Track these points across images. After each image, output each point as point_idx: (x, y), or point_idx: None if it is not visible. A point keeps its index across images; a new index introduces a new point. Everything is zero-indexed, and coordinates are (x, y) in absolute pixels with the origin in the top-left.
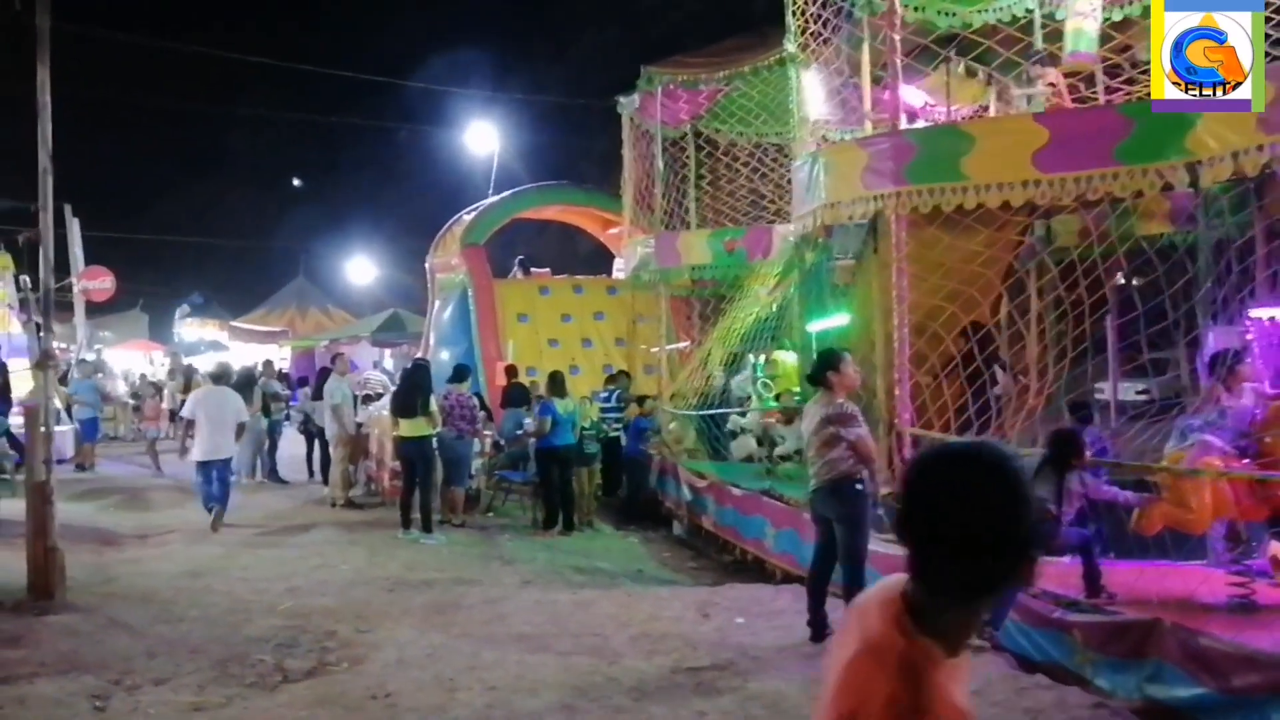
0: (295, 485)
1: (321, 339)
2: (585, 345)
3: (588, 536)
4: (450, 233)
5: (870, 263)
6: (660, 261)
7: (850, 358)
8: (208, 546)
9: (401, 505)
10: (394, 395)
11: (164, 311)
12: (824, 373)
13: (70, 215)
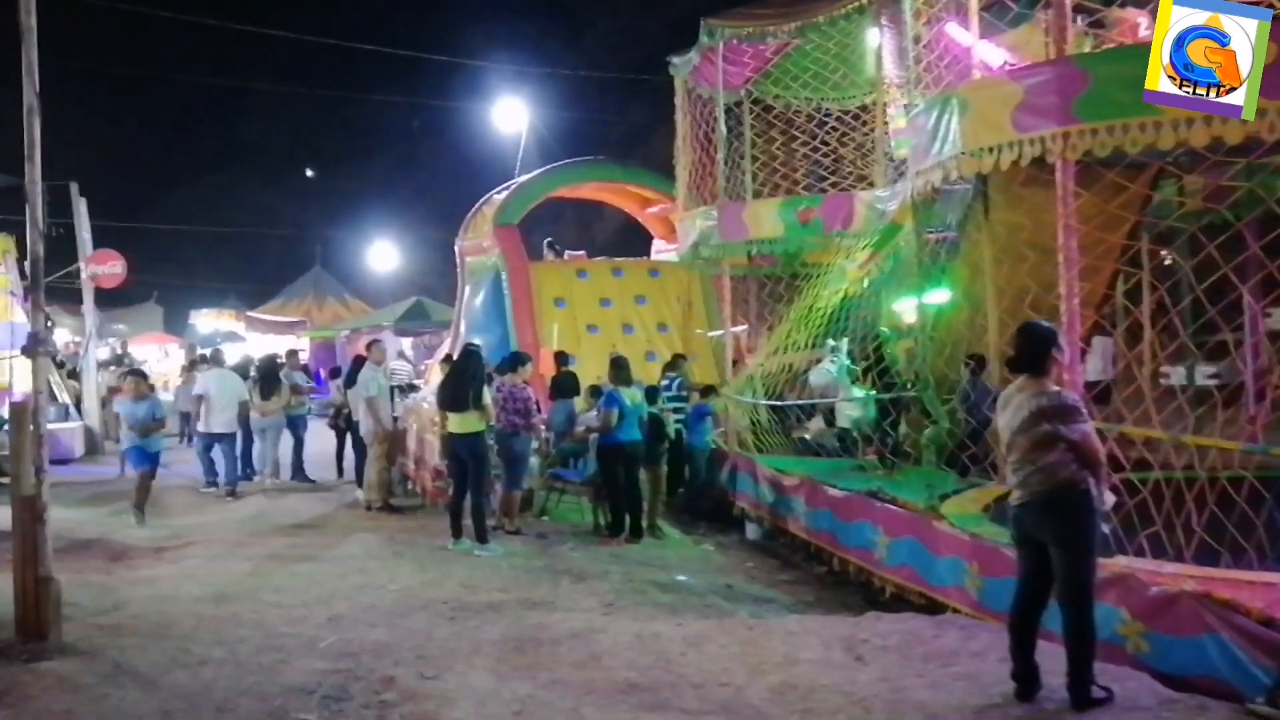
0: (325, 486)
1: (341, 329)
2: (626, 331)
3: (657, 543)
4: (481, 213)
5: (980, 231)
6: (724, 235)
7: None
8: (233, 562)
9: (451, 512)
10: (442, 386)
11: (179, 304)
12: (1042, 353)
13: (77, 194)
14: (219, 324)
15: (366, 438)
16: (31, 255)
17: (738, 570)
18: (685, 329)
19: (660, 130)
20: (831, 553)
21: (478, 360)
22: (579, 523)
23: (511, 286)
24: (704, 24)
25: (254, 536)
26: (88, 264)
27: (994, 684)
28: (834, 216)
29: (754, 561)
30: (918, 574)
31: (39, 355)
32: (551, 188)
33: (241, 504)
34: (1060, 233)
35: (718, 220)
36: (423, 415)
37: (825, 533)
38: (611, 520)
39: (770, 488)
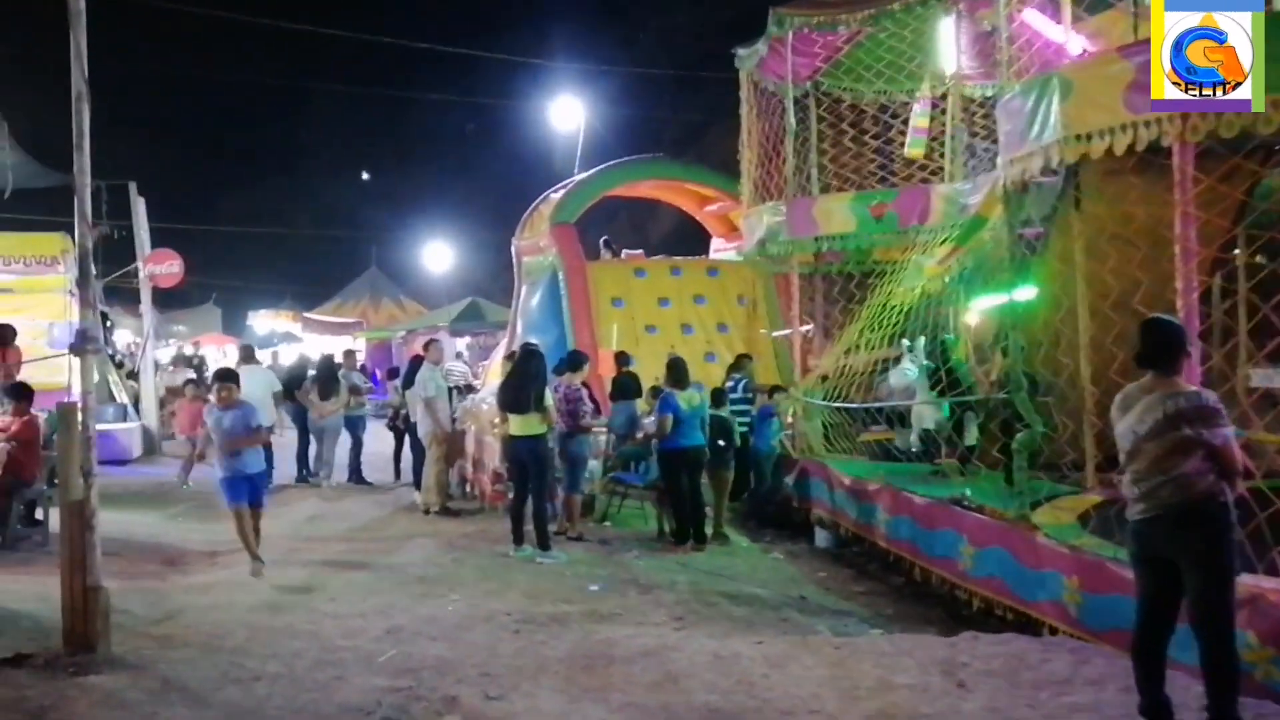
0: (382, 488)
1: (397, 330)
2: (685, 331)
3: (724, 551)
4: (538, 212)
5: (1069, 224)
6: (792, 231)
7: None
8: (288, 569)
9: (513, 517)
10: (503, 387)
11: (237, 305)
12: (1176, 349)
13: (135, 194)
14: (275, 325)
15: (424, 439)
16: (80, 250)
17: (810, 580)
18: (749, 329)
19: (716, 128)
20: (912, 562)
21: (539, 360)
22: (642, 529)
23: (569, 286)
24: (773, 13)
25: (310, 542)
26: (145, 264)
27: (1119, 718)
28: (909, 211)
29: (826, 571)
30: (1007, 586)
31: (87, 353)
32: (609, 186)
33: (297, 507)
34: (1178, 221)
35: (786, 216)
36: (482, 416)
37: (905, 541)
38: (676, 527)
39: (845, 493)
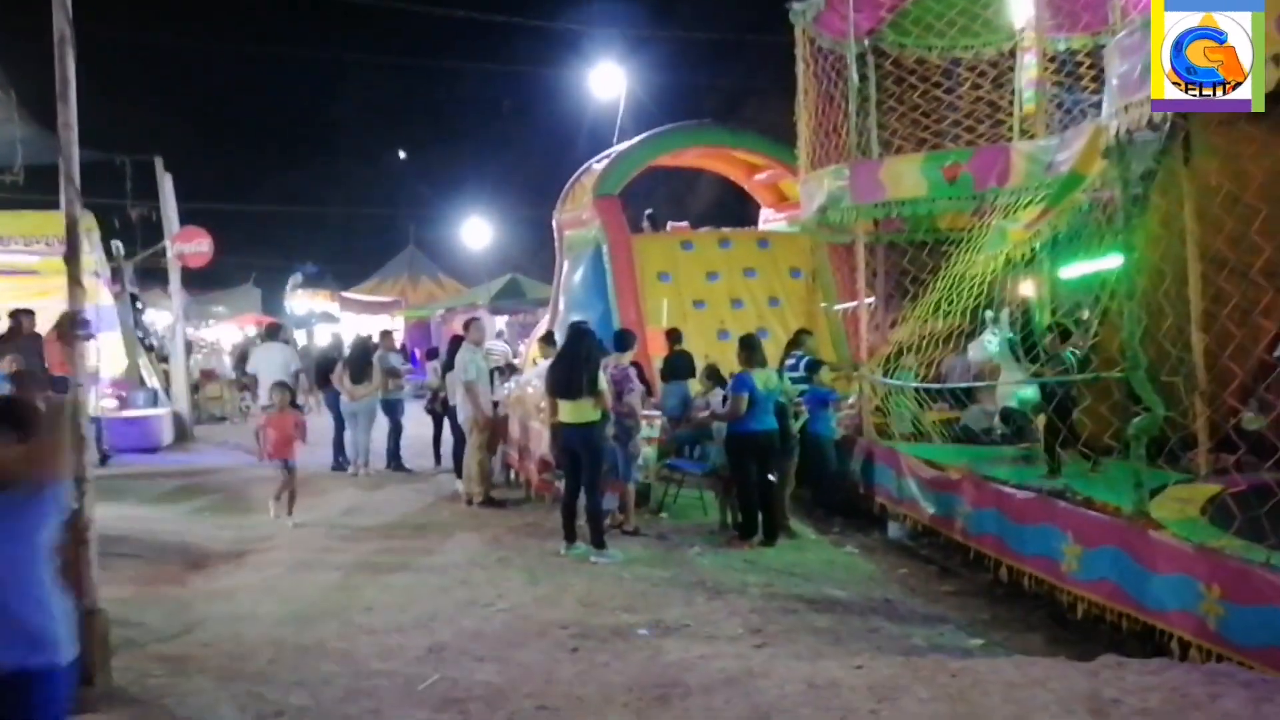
0: (421, 475)
1: (436, 308)
2: (735, 306)
3: (793, 546)
4: (580, 184)
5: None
6: (857, 196)
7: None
8: (320, 571)
9: (564, 512)
10: (551, 370)
11: (277, 285)
12: None
13: (161, 169)
14: (314, 304)
15: (465, 425)
16: (67, 218)
17: (892, 580)
18: (804, 303)
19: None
20: (999, 560)
21: (591, 340)
22: (702, 520)
23: (613, 260)
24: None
25: (345, 540)
26: (174, 242)
27: None
28: (986, 172)
29: (907, 568)
30: (1123, 591)
31: (79, 339)
32: (654, 155)
33: (332, 498)
34: None
35: (849, 180)
36: (527, 400)
37: (992, 537)
38: (743, 520)
39: (918, 482)
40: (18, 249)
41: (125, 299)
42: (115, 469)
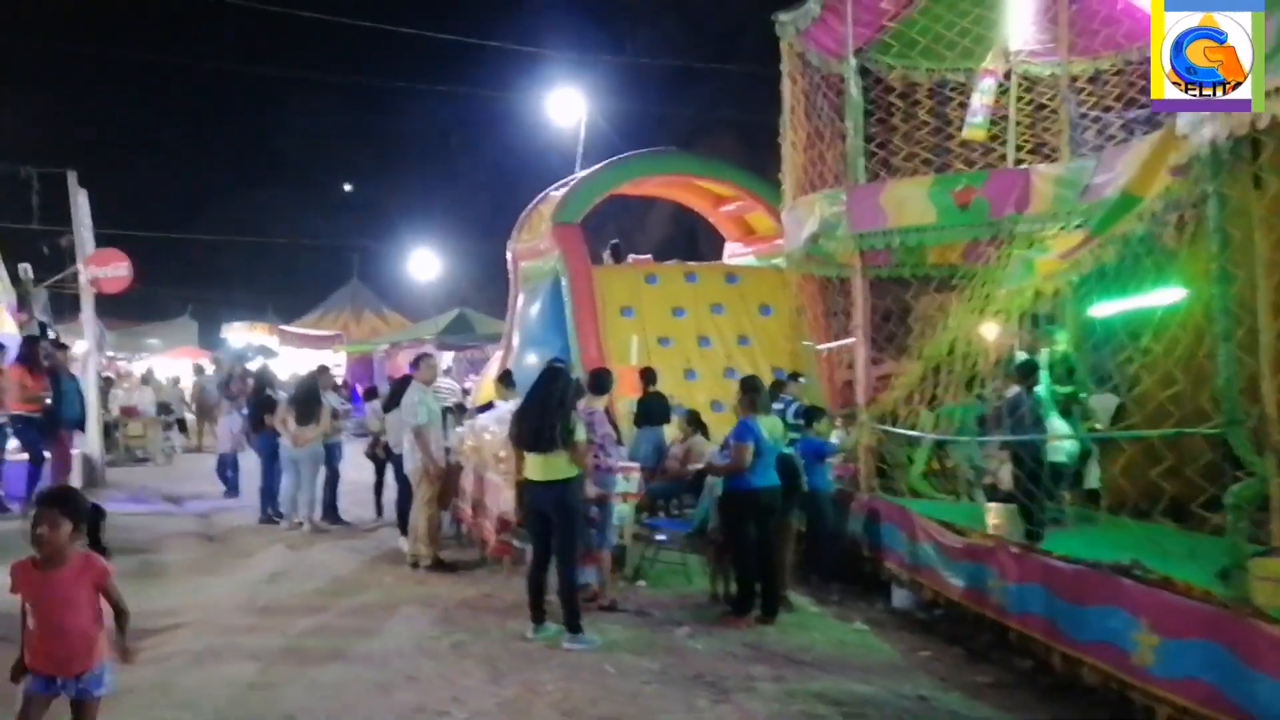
0: (360, 528)
1: (379, 343)
2: (702, 344)
3: (794, 621)
4: (537, 212)
5: (1242, 206)
6: (855, 224)
7: None
8: (234, 661)
9: (531, 587)
10: (519, 417)
11: (215, 318)
12: None
13: (75, 184)
14: (251, 338)
15: (413, 476)
16: None
17: (917, 666)
18: (781, 341)
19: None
20: (1048, 645)
21: (566, 382)
22: (686, 589)
23: (573, 293)
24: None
25: (267, 615)
26: (87, 265)
27: None
28: (1003, 197)
29: (929, 649)
30: (1223, 696)
31: None
32: (617, 182)
33: (257, 559)
34: None
35: (846, 205)
36: (484, 449)
37: (1039, 618)
38: (739, 592)
39: (938, 548)
40: None
41: (33, 328)
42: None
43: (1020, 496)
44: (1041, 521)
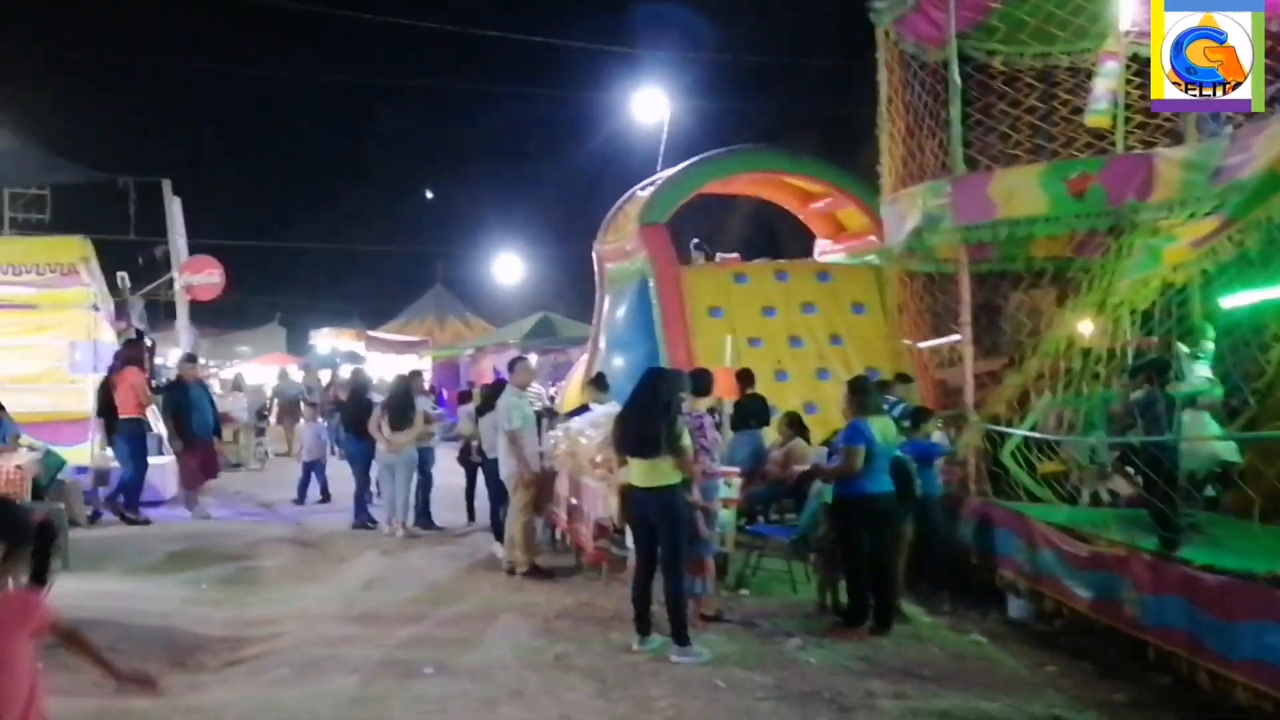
0: (453, 533)
1: (464, 348)
2: (793, 344)
3: (907, 633)
4: (623, 212)
5: None
6: (961, 217)
7: None
8: (333, 674)
9: (636, 597)
10: (621, 421)
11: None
12: None
13: (170, 193)
14: (338, 343)
15: (508, 481)
16: None
17: (1044, 682)
18: (875, 340)
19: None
20: (1192, 661)
21: (671, 385)
22: (790, 597)
23: (660, 294)
24: None
25: (365, 625)
26: (181, 272)
27: None
28: (1123, 183)
29: (1054, 664)
30: None
31: None
32: (704, 180)
33: (352, 565)
34: None
35: (951, 197)
36: (579, 453)
37: (1180, 632)
38: (850, 602)
39: (1060, 556)
40: (7, 279)
41: (130, 335)
42: (103, 529)
43: (1155, 502)
44: (1178, 528)
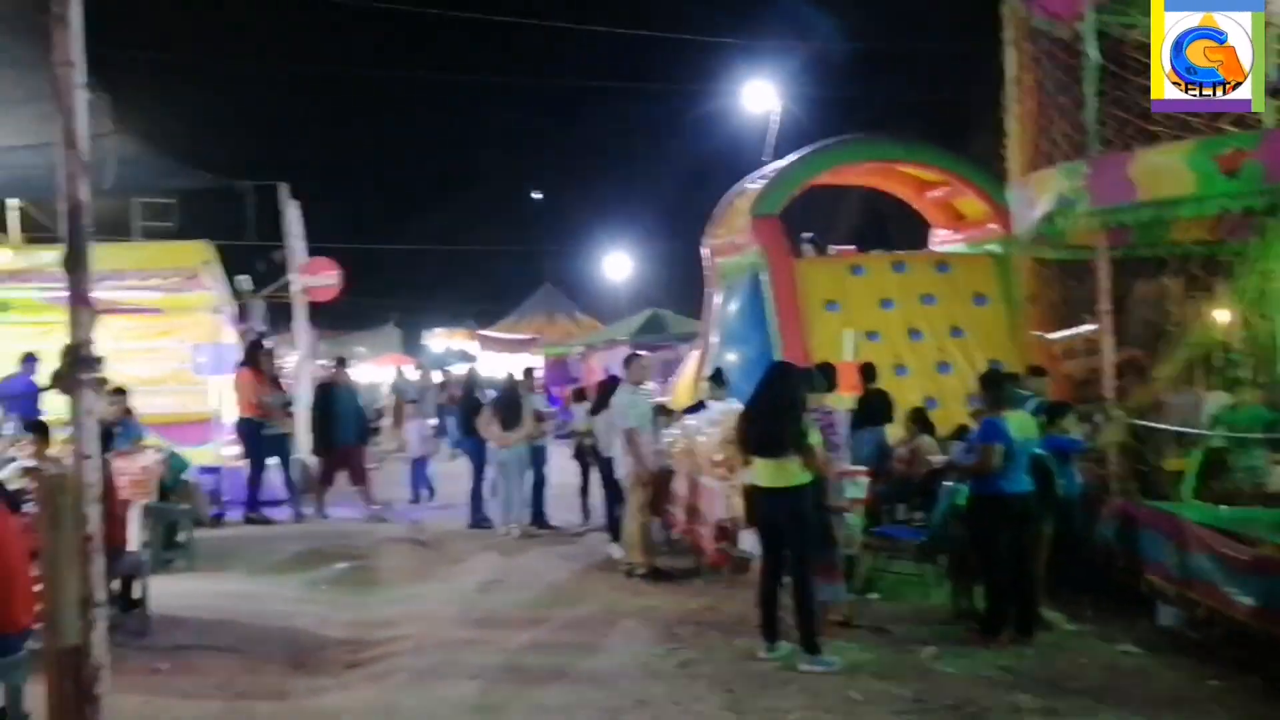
0: (567, 532)
1: (575, 345)
2: (912, 337)
3: (1050, 640)
4: (733, 205)
5: None
6: (1100, 199)
7: None
8: (453, 680)
9: (763, 601)
10: (746, 418)
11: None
12: None
13: (286, 196)
14: (451, 343)
15: (625, 481)
16: (68, 201)
17: (1207, 697)
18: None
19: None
20: None
21: (797, 381)
22: (920, 603)
23: (774, 287)
24: None
25: (484, 627)
26: (300, 274)
27: None
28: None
29: (1217, 678)
30: None
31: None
32: (816, 171)
33: (469, 565)
34: None
35: (1088, 179)
36: (698, 452)
37: None
38: (988, 609)
39: (1216, 560)
40: (135, 283)
41: (252, 338)
42: (227, 529)
43: None
44: None
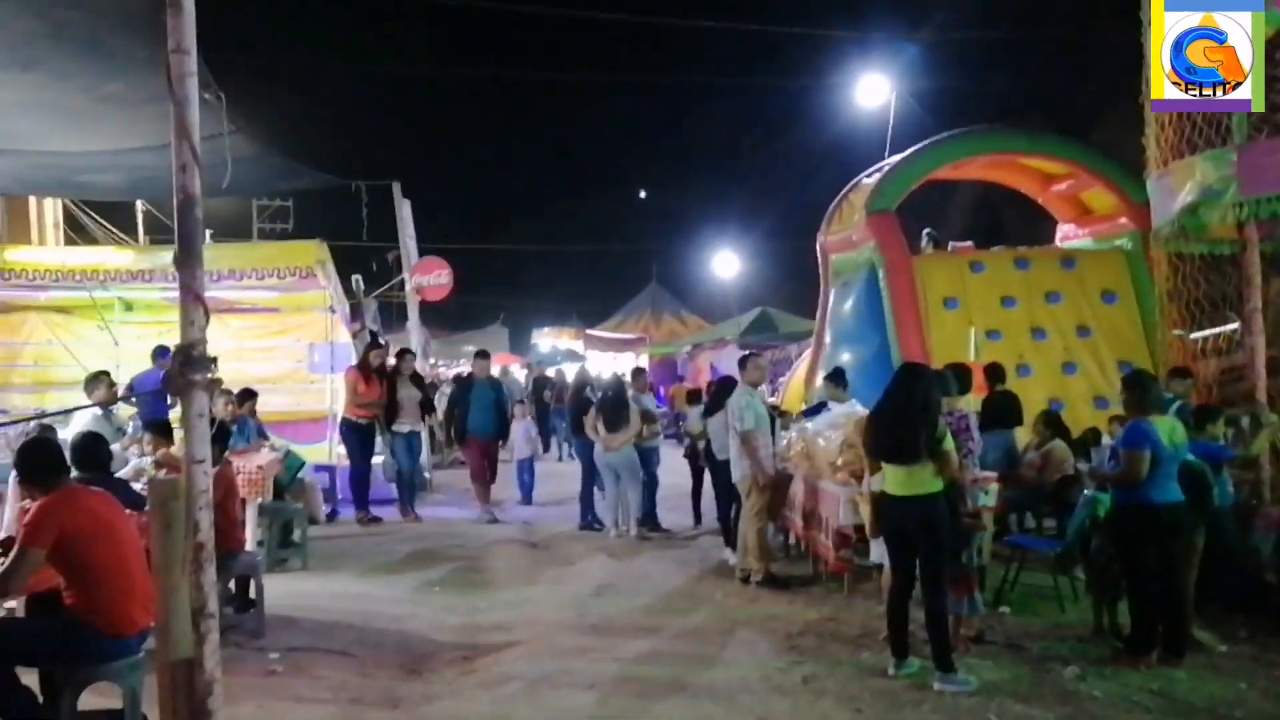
0: (679, 535)
1: (681, 345)
2: (1036, 337)
3: (1204, 662)
4: (848, 201)
5: None
6: (1251, 187)
7: None
8: (567, 688)
9: (892, 616)
10: (874, 422)
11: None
12: None
13: (400, 195)
14: (558, 342)
15: (740, 485)
16: (179, 198)
17: None
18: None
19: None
20: None
21: (930, 384)
22: (1058, 618)
23: (891, 285)
24: None
25: (598, 634)
26: (412, 274)
27: None
28: None
29: None
30: None
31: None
32: (935, 165)
33: (581, 569)
34: None
35: (1237, 166)
36: (817, 456)
37: None
38: (1135, 626)
39: None
40: (251, 283)
41: (364, 337)
42: (339, 528)
43: None
44: None
